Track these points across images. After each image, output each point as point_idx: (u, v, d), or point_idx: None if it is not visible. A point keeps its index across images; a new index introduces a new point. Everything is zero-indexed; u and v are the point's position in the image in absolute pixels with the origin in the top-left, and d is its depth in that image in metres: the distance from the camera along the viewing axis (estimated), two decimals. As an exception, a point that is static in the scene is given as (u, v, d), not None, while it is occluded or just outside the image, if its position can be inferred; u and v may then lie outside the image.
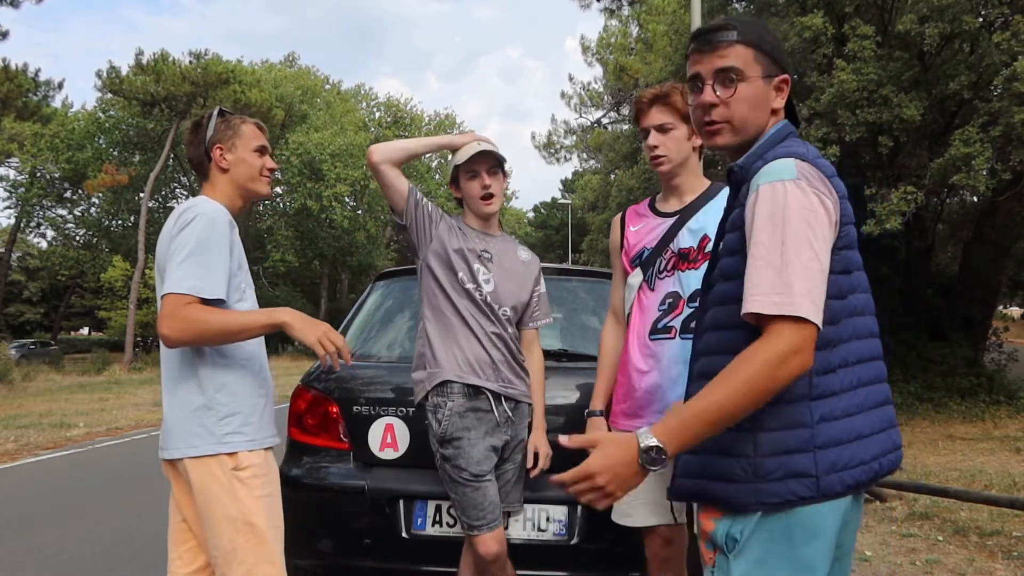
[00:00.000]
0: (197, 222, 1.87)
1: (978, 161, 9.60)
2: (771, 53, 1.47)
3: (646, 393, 2.10)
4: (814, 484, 1.32)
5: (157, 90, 30.66)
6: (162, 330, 1.80)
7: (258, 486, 1.88)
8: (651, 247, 2.23)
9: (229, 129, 2.06)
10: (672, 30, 15.23)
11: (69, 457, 8.40)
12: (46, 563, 4.22)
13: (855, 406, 1.38)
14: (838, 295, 1.37)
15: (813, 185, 1.33)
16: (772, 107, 1.48)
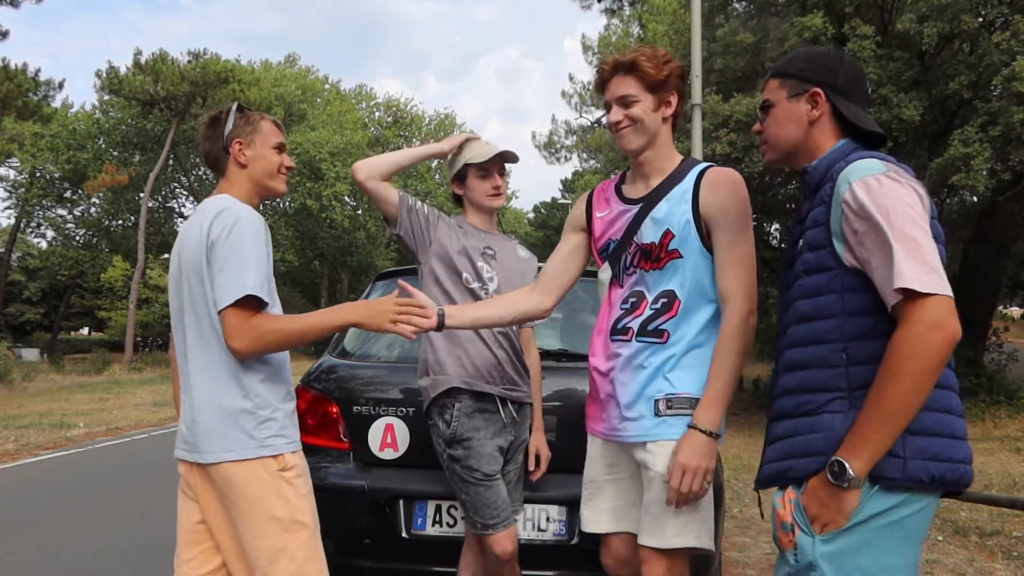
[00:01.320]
0: (241, 227, 1.84)
1: (977, 161, 9.60)
2: (796, 74, 1.64)
3: (608, 397, 1.99)
4: (900, 466, 1.35)
5: (156, 90, 30.65)
6: (234, 345, 1.80)
7: (302, 485, 1.90)
8: (616, 240, 2.05)
9: (248, 124, 2.03)
10: (672, 30, 15.23)
11: (69, 457, 8.39)
12: (46, 563, 4.21)
13: (955, 405, 1.42)
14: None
15: (904, 176, 1.42)
16: (809, 119, 1.62)
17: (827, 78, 1.61)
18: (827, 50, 1.72)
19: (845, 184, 1.43)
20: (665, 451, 1.87)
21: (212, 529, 1.95)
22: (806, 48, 1.78)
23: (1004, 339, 14.77)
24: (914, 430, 1.36)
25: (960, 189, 12.27)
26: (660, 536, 1.88)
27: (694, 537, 1.87)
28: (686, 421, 1.85)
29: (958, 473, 1.39)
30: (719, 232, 1.90)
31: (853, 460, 1.34)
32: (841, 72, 1.62)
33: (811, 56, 1.67)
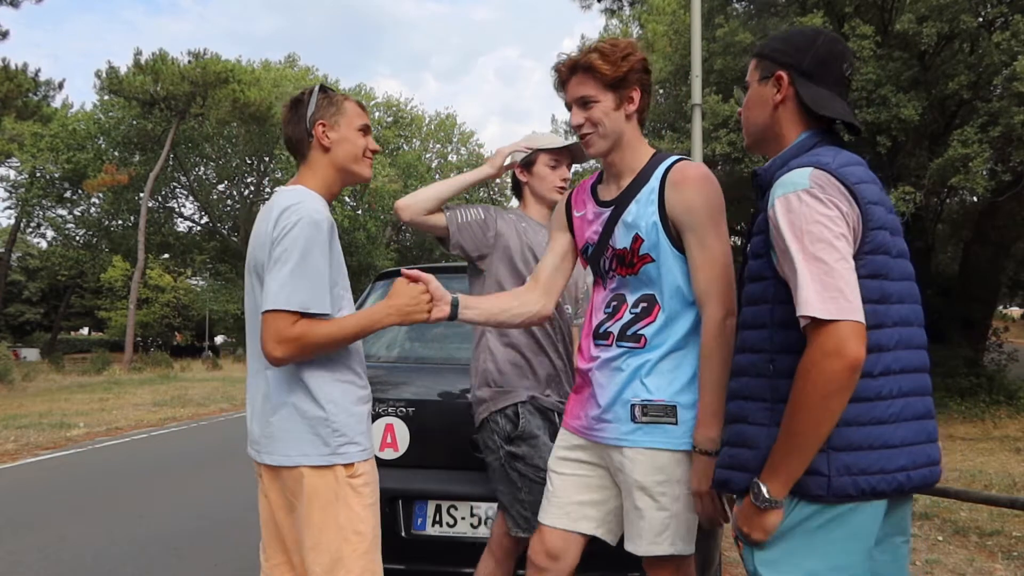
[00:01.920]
0: (301, 227, 1.74)
1: (976, 162, 9.61)
2: (768, 55, 1.58)
3: (588, 396, 1.96)
4: (825, 483, 1.37)
5: (156, 90, 30.68)
6: (272, 352, 1.72)
7: (368, 494, 1.85)
8: (593, 243, 1.99)
9: (332, 105, 1.92)
10: (672, 30, 15.23)
11: (69, 457, 8.39)
12: (46, 563, 4.21)
13: (890, 415, 1.40)
14: (872, 299, 1.38)
15: (827, 193, 1.37)
16: (773, 103, 1.56)
17: (793, 59, 1.54)
18: (807, 29, 1.61)
19: (773, 198, 1.42)
20: (642, 458, 1.83)
21: (281, 528, 1.91)
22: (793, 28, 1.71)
23: (1004, 339, 14.78)
24: (838, 447, 1.37)
25: (960, 189, 12.27)
26: (637, 543, 1.87)
27: (668, 545, 1.83)
28: (662, 429, 1.83)
29: (895, 483, 1.39)
30: (687, 233, 1.82)
31: (770, 483, 1.37)
32: (811, 52, 1.53)
33: (788, 36, 1.59)
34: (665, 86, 16.04)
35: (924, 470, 1.43)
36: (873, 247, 1.39)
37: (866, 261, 1.39)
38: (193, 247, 41.63)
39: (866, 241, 1.39)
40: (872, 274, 1.39)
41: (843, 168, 1.42)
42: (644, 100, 1.90)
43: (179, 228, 43.46)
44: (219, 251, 41.57)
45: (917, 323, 1.47)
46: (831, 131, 1.56)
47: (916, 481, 1.42)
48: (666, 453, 1.82)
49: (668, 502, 1.83)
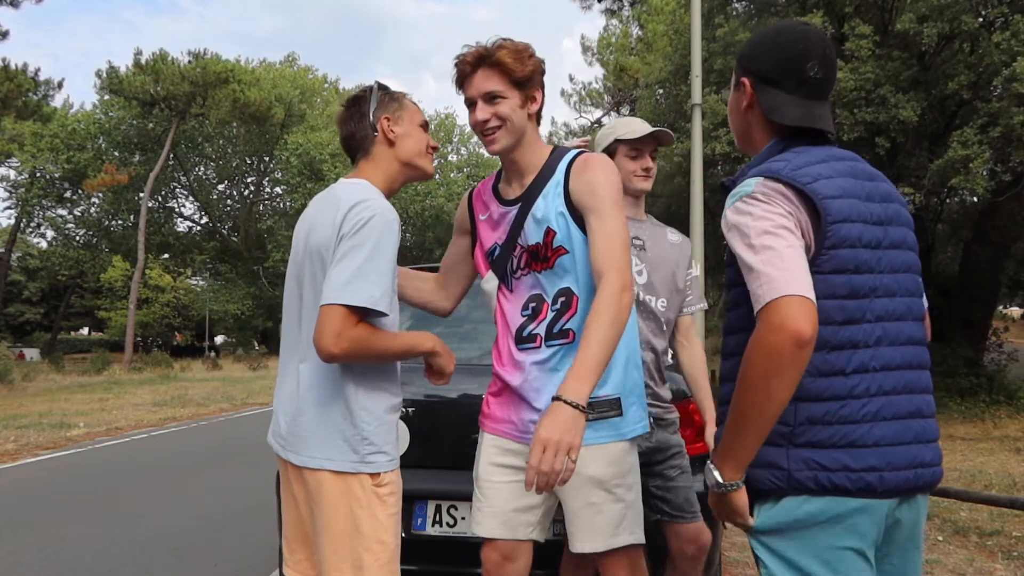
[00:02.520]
0: (375, 224, 1.70)
1: (976, 163, 9.60)
2: (739, 60, 1.57)
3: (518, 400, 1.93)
4: (784, 476, 1.37)
5: (156, 90, 30.70)
6: (328, 348, 1.65)
7: (392, 503, 1.81)
8: (501, 243, 1.95)
9: (394, 101, 1.91)
10: (672, 30, 15.23)
11: (69, 457, 8.40)
12: (46, 563, 4.21)
13: (864, 414, 1.36)
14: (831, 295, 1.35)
15: (769, 199, 1.36)
16: (741, 109, 1.55)
17: (754, 65, 1.51)
18: (771, 29, 1.56)
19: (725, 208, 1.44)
20: (594, 454, 1.81)
21: (305, 524, 1.88)
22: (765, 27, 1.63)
23: (1004, 339, 14.78)
24: (799, 443, 1.36)
25: (960, 190, 12.28)
26: (594, 539, 1.84)
27: (628, 535, 1.85)
28: (609, 423, 1.82)
29: (861, 483, 1.35)
30: (589, 214, 1.81)
31: (721, 467, 1.38)
32: (770, 56, 1.49)
33: (755, 38, 1.56)
34: (665, 86, 16.06)
35: (907, 472, 1.38)
36: (836, 241, 1.35)
37: (829, 256, 1.35)
38: (193, 247, 41.66)
39: (827, 236, 1.35)
40: (837, 269, 1.35)
41: (798, 170, 1.38)
42: (542, 102, 1.92)
43: (179, 228, 43.51)
44: (219, 251, 41.60)
45: (912, 317, 1.43)
46: (808, 132, 1.50)
47: (892, 483, 1.36)
48: (619, 445, 1.85)
49: (623, 493, 1.85)
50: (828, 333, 1.34)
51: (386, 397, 1.82)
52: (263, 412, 13.59)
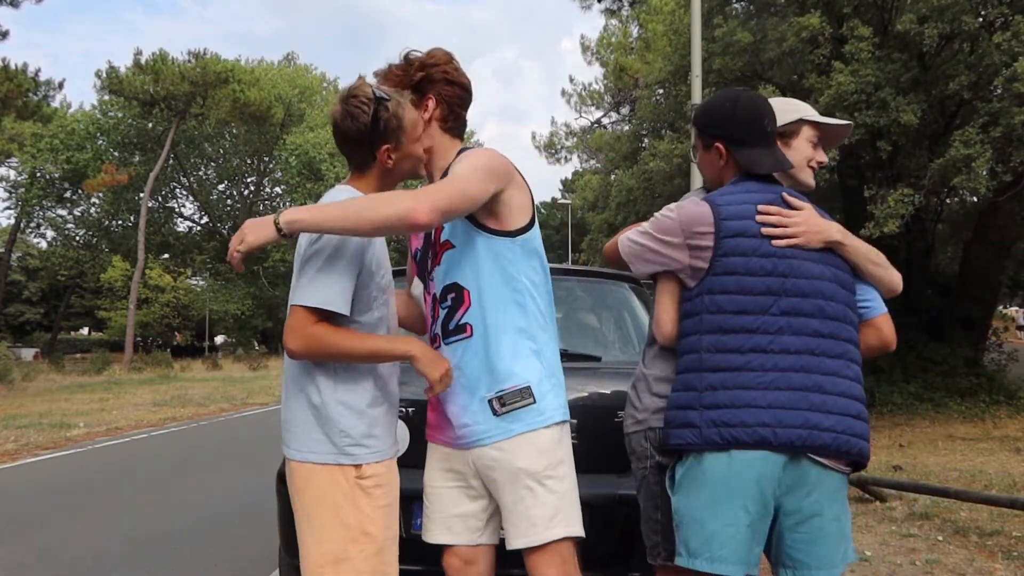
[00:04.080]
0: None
1: (978, 163, 9.60)
2: (704, 130, 1.96)
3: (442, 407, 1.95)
4: (698, 434, 1.74)
5: (156, 90, 30.69)
6: (288, 344, 1.75)
7: (380, 495, 1.83)
8: (420, 246, 2.03)
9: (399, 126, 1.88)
10: (671, 30, 15.22)
11: (69, 457, 8.40)
12: (46, 563, 4.21)
13: (757, 383, 1.72)
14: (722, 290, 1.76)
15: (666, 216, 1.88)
16: (718, 166, 1.93)
17: (723, 131, 1.90)
18: (724, 99, 1.94)
19: None
20: (523, 446, 1.82)
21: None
22: (712, 98, 2.01)
23: (1004, 339, 14.78)
24: (707, 405, 1.74)
25: (960, 189, 12.27)
26: (529, 533, 1.82)
27: (564, 527, 1.82)
28: (525, 411, 1.82)
29: (756, 436, 1.69)
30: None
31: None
32: (735, 123, 1.88)
33: (711, 109, 1.95)
34: (665, 86, 16.04)
35: (801, 431, 1.69)
36: (726, 251, 1.77)
37: (722, 263, 1.76)
38: (193, 247, 41.67)
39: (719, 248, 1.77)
40: (727, 271, 1.76)
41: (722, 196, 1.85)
42: (443, 109, 1.96)
43: (179, 228, 43.52)
44: (219, 251, 41.58)
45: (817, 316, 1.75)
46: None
47: (784, 438, 1.69)
48: (543, 433, 1.84)
49: (555, 484, 1.83)
50: (720, 321, 1.76)
51: (367, 392, 1.84)
52: (263, 412, 13.59)
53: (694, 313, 1.81)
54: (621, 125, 26.30)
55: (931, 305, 13.64)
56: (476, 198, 1.79)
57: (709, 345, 1.76)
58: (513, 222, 1.88)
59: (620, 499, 2.59)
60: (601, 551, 2.62)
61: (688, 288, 1.84)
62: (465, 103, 2.00)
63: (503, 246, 1.87)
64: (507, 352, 1.85)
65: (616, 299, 3.48)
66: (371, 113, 1.80)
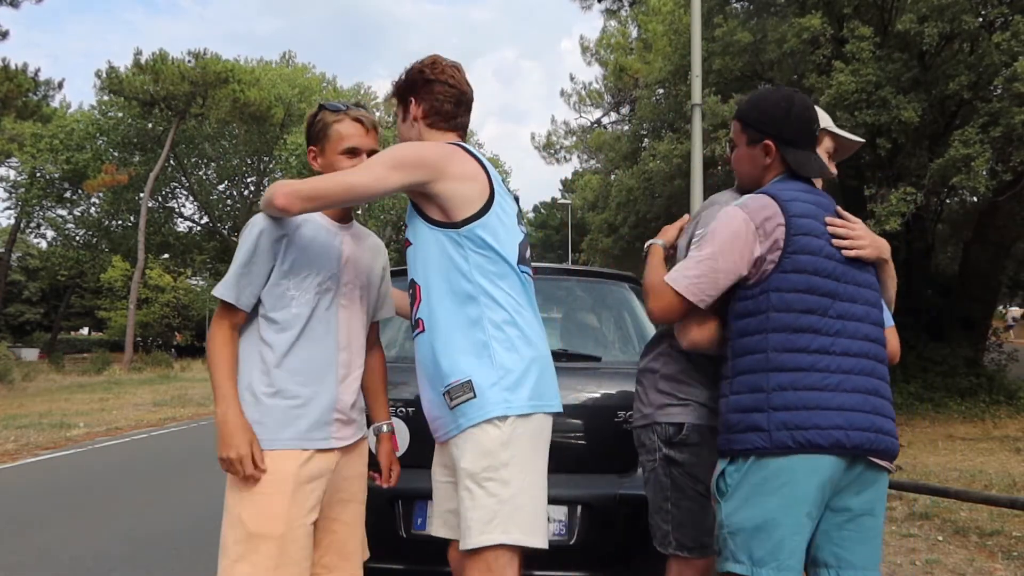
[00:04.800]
0: (247, 225, 1.93)
1: (978, 162, 9.60)
2: (753, 124, 1.91)
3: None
4: (767, 437, 1.67)
5: (156, 90, 30.66)
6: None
7: (264, 483, 1.87)
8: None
9: (322, 132, 2.02)
10: (671, 30, 15.22)
11: (69, 457, 8.39)
12: (46, 563, 4.21)
13: (825, 384, 1.68)
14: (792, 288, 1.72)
15: (746, 210, 1.79)
16: (763, 164, 1.91)
17: (777, 129, 1.87)
18: (780, 98, 1.90)
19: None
20: (468, 445, 1.80)
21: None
22: (765, 94, 1.94)
23: (1004, 339, 14.78)
24: (776, 406, 1.67)
25: (960, 189, 12.28)
26: (467, 536, 1.77)
27: (500, 533, 1.72)
28: (469, 405, 1.79)
29: (831, 439, 1.64)
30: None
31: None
32: (788, 123, 1.86)
33: (765, 106, 1.90)
34: (664, 86, 16.04)
35: (869, 434, 1.67)
36: (796, 248, 1.73)
37: (792, 260, 1.73)
38: (193, 247, 41.64)
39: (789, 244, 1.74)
40: (797, 269, 1.73)
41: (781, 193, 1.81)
42: (422, 105, 2.01)
43: (179, 228, 43.48)
44: (219, 251, 41.56)
45: (869, 321, 1.77)
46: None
47: (856, 441, 1.66)
48: (486, 431, 1.77)
49: (496, 488, 1.75)
50: (790, 320, 1.71)
51: (268, 382, 1.91)
52: (263, 412, 13.54)
53: (757, 312, 1.75)
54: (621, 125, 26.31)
55: (931, 305, 13.64)
56: (366, 188, 1.79)
57: (777, 344, 1.71)
58: (456, 213, 1.85)
59: (620, 499, 2.59)
60: (601, 551, 2.63)
61: (747, 287, 1.78)
62: (449, 96, 2.00)
63: (449, 238, 1.85)
64: (453, 346, 1.84)
65: (616, 299, 3.48)
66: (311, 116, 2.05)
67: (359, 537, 2.10)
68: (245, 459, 1.83)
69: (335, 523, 2.02)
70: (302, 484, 1.89)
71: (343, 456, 2.01)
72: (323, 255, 1.97)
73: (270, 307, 1.92)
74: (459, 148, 1.91)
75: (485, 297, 1.84)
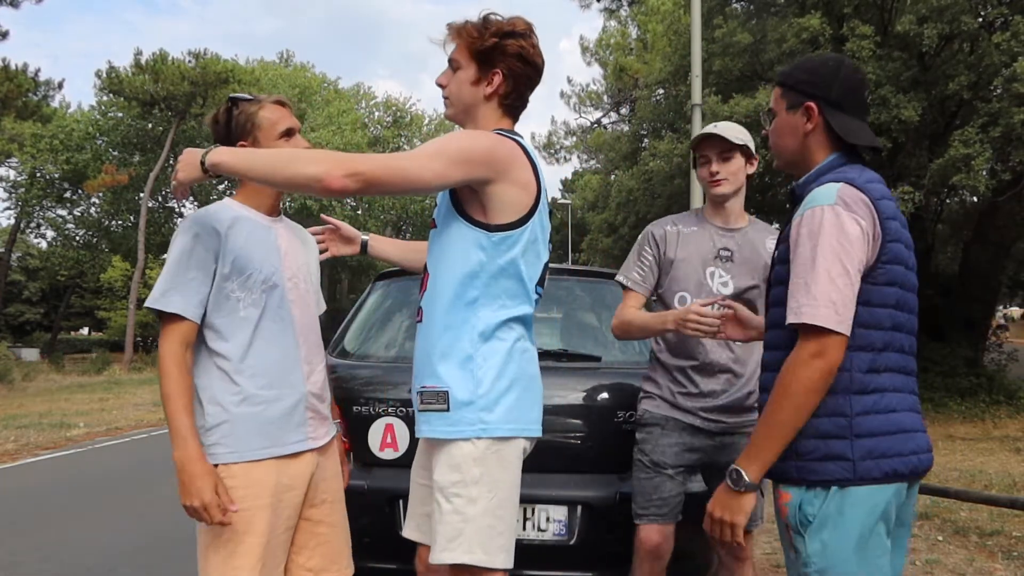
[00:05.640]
0: (177, 231, 1.83)
1: (978, 162, 9.61)
2: (795, 86, 1.67)
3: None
4: (850, 467, 1.50)
5: (156, 90, 30.65)
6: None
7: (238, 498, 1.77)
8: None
9: (247, 122, 1.88)
10: (671, 31, 15.23)
11: (69, 457, 8.39)
12: (46, 563, 4.21)
13: (896, 403, 1.55)
14: (883, 303, 1.53)
15: (850, 209, 1.49)
16: (804, 131, 1.65)
17: (822, 91, 1.63)
18: (829, 59, 1.68)
19: (801, 209, 1.56)
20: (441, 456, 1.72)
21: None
22: (810, 56, 1.74)
23: (1004, 339, 14.78)
24: (860, 434, 1.50)
25: (960, 189, 12.28)
26: (434, 549, 1.72)
27: (463, 552, 1.67)
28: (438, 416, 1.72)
29: (910, 464, 1.53)
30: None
31: (749, 469, 1.53)
32: (837, 83, 1.63)
33: (811, 67, 1.68)
34: (665, 86, 16.05)
35: (929, 454, 1.59)
36: (891, 257, 1.53)
37: (885, 270, 1.52)
38: (193, 247, 41.59)
39: (884, 252, 1.52)
40: (890, 282, 1.53)
41: (867, 184, 1.55)
42: (507, 86, 1.79)
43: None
44: (219, 251, 41.56)
45: (909, 331, 1.61)
46: (854, 150, 1.66)
47: (925, 464, 1.56)
48: (461, 445, 1.70)
49: (463, 504, 1.68)
50: (876, 338, 1.53)
51: (234, 389, 1.81)
52: (263, 412, 13.54)
53: None
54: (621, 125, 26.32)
55: (931, 305, 13.63)
56: (423, 180, 1.62)
57: (862, 364, 1.51)
58: (495, 216, 1.71)
59: (620, 499, 2.59)
60: (601, 551, 2.63)
61: None
62: (533, 84, 1.83)
63: (476, 239, 1.71)
64: (442, 348, 1.73)
65: (616, 299, 3.47)
66: (225, 111, 1.91)
67: (344, 538, 2.04)
68: (211, 506, 1.71)
69: (320, 525, 1.96)
70: (282, 493, 1.83)
71: (320, 456, 1.96)
72: (263, 251, 1.87)
73: (214, 314, 1.81)
74: (520, 149, 1.75)
75: (486, 309, 1.72)
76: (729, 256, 2.42)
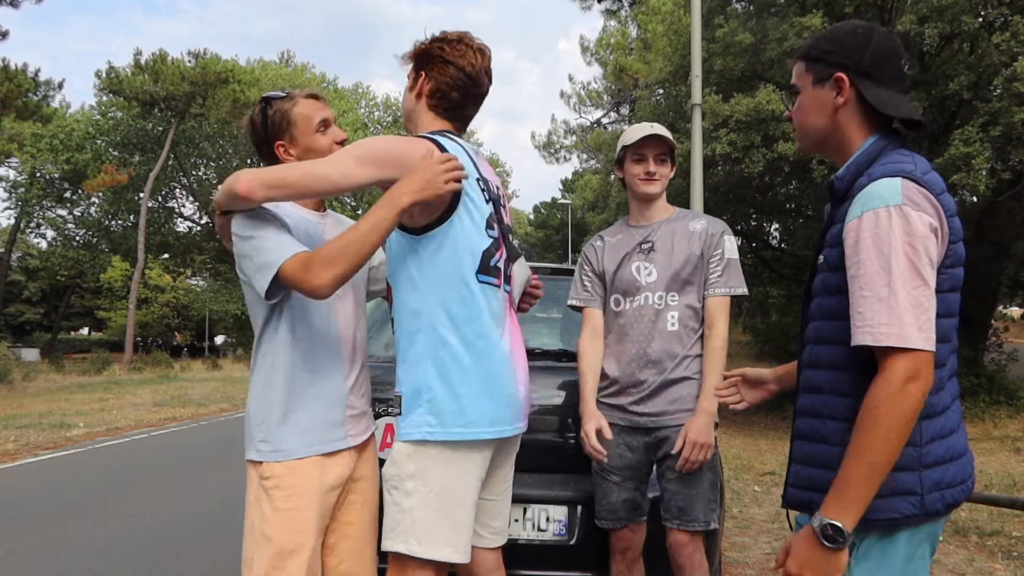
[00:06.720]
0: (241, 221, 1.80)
1: (978, 161, 9.61)
2: (821, 57, 1.48)
3: None
4: (919, 502, 1.33)
5: (156, 90, 30.67)
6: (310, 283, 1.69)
7: (280, 499, 1.77)
8: None
9: (283, 120, 1.90)
10: (671, 31, 15.22)
11: (69, 457, 8.39)
12: (46, 563, 4.21)
13: (955, 423, 1.38)
14: (948, 313, 1.35)
15: (920, 208, 1.30)
16: (834, 106, 1.46)
17: (851, 59, 1.43)
18: (858, 25, 1.49)
19: (859, 209, 1.34)
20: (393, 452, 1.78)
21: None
22: (837, 25, 1.53)
23: (1004, 339, 14.78)
24: (928, 464, 1.34)
25: (960, 189, 12.28)
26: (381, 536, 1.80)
27: (400, 542, 1.72)
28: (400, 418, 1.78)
29: (966, 493, 1.39)
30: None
31: (845, 519, 1.28)
32: (868, 51, 1.43)
33: (837, 36, 1.48)
34: (665, 86, 16.04)
35: (974, 476, 1.43)
36: (954, 260, 1.35)
37: (948, 275, 1.35)
38: (193, 247, 41.64)
39: (948, 255, 1.34)
40: (953, 288, 1.36)
41: (926, 176, 1.35)
42: (432, 86, 1.86)
43: (179, 228, 43.49)
44: (219, 251, 41.56)
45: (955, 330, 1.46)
46: (894, 131, 1.46)
47: (972, 486, 1.41)
48: (400, 445, 1.76)
49: (400, 497, 1.73)
50: (943, 353, 1.34)
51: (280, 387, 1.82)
52: (263, 412, 13.54)
53: None
54: (621, 125, 26.33)
55: (931, 305, 13.62)
56: (333, 182, 1.66)
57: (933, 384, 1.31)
58: (417, 219, 1.74)
59: (620, 499, 2.59)
60: (601, 551, 2.62)
61: None
62: (459, 85, 1.85)
63: (410, 245, 1.76)
64: (400, 354, 1.80)
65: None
66: (260, 113, 1.92)
67: (374, 542, 1.99)
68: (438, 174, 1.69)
69: (350, 527, 1.94)
70: (325, 492, 1.84)
71: (358, 456, 1.95)
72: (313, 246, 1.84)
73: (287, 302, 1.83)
74: (435, 146, 1.76)
75: (428, 310, 1.74)
76: (651, 247, 2.45)
